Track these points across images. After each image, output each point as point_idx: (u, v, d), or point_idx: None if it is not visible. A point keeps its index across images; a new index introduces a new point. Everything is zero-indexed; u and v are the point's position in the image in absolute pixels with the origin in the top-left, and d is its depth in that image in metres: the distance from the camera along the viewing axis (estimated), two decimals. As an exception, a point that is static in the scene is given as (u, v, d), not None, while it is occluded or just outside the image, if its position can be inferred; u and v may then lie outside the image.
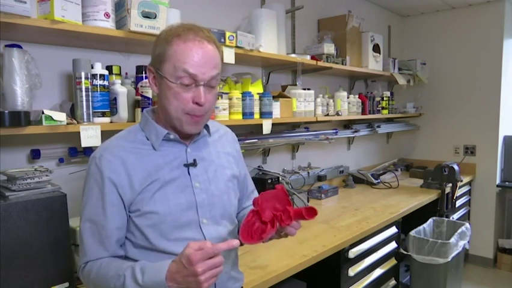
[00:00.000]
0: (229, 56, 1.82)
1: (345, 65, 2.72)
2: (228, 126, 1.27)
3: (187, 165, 1.03)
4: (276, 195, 0.97)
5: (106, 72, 1.44)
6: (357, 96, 3.01)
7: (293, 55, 2.41)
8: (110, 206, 0.96)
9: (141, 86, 1.58)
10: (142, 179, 0.98)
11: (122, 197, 0.97)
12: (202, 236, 1.01)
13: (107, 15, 1.39)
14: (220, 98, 1.87)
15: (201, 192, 1.04)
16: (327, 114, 2.65)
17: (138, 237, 0.99)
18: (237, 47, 1.85)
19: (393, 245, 2.38)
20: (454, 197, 3.07)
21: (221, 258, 0.85)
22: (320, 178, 2.86)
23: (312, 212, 0.93)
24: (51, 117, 1.25)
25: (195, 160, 1.04)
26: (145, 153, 1.01)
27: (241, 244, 0.94)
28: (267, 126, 2.08)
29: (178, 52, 0.94)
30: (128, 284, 0.88)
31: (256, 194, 1.32)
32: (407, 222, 2.54)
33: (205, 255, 0.82)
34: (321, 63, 2.49)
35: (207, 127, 1.11)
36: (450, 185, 3.03)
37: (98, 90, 1.41)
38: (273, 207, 0.96)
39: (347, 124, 3.23)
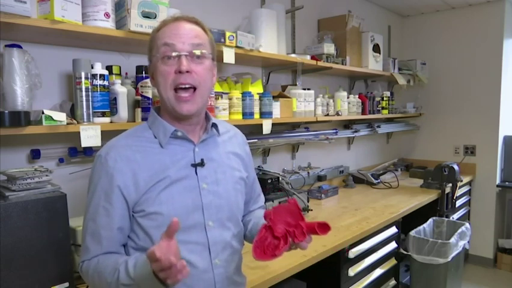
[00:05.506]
0: (229, 56, 1.82)
1: (345, 65, 2.72)
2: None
3: (195, 165, 1.01)
4: (288, 210, 0.95)
5: (106, 72, 1.44)
6: (357, 96, 3.01)
7: (293, 55, 2.41)
8: (113, 206, 0.95)
9: (141, 86, 1.58)
10: (148, 178, 0.96)
11: (126, 197, 0.95)
12: (206, 239, 1.00)
13: (107, 15, 1.39)
14: (220, 98, 1.87)
15: (208, 193, 1.01)
16: (327, 114, 2.65)
17: (142, 238, 0.97)
18: (237, 47, 1.85)
19: (393, 245, 2.38)
20: (454, 197, 3.07)
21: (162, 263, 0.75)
22: (319, 178, 2.86)
23: (325, 228, 0.92)
24: (51, 117, 1.25)
25: (202, 160, 1.02)
26: (152, 152, 0.99)
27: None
28: (267, 126, 2.08)
29: (160, 34, 0.98)
30: (122, 277, 0.87)
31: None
32: (407, 222, 2.54)
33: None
34: (321, 63, 2.48)
35: (216, 126, 1.08)
36: (450, 185, 3.03)
37: (98, 90, 1.41)
38: (285, 221, 0.94)
39: (347, 124, 3.23)
